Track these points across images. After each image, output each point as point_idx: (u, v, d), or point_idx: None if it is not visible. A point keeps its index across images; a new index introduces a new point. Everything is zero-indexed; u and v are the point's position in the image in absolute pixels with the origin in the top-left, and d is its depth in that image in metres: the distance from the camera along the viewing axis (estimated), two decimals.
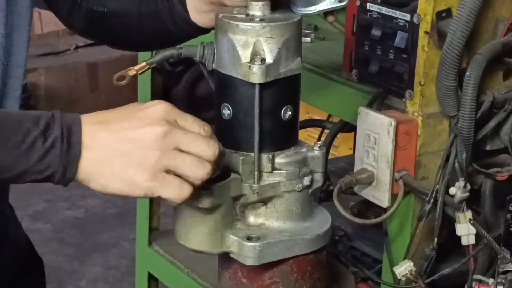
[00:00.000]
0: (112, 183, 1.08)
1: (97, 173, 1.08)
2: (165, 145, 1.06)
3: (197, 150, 1.07)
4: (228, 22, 1.17)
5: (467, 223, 1.36)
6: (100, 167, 1.07)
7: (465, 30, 1.31)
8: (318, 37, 1.77)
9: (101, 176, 1.07)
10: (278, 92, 1.19)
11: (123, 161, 1.07)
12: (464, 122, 1.35)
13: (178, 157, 1.07)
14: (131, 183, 1.07)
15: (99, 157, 1.07)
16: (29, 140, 1.05)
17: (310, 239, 1.23)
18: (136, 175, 1.06)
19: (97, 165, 1.07)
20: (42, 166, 1.06)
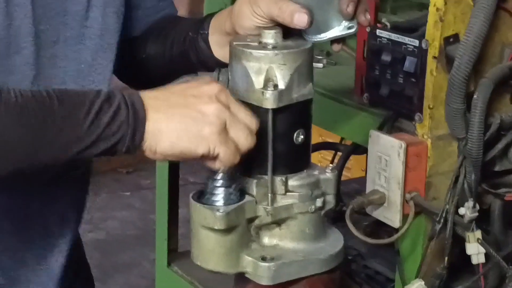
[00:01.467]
0: (180, 139, 1.13)
1: (166, 130, 1.13)
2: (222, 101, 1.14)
3: (244, 119, 1.16)
4: (242, 49, 1.21)
5: (476, 243, 1.39)
6: (167, 124, 1.13)
7: (472, 55, 1.34)
8: (330, 62, 1.81)
9: (169, 134, 1.13)
10: (291, 117, 1.22)
11: (188, 117, 1.13)
12: (473, 144, 1.38)
13: (234, 117, 1.15)
14: (199, 136, 1.13)
15: (164, 115, 1.13)
16: (95, 107, 1.11)
17: (324, 259, 1.26)
18: (204, 128, 1.13)
19: (163, 122, 1.13)
20: (113, 128, 1.11)
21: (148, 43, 1.46)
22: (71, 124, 1.10)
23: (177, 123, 1.13)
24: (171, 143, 1.13)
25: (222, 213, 1.20)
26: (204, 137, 1.13)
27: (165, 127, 1.13)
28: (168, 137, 1.13)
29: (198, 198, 1.23)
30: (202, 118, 1.13)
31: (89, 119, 1.11)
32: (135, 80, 1.52)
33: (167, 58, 1.44)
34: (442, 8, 1.37)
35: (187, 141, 1.13)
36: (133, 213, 4.23)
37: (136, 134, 1.12)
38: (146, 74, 1.48)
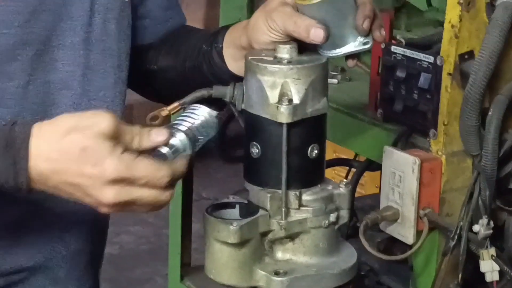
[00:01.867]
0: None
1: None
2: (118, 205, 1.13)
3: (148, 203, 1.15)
4: (257, 64, 1.21)
5: (490, 260, 1.39)
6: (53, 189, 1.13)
7: (487, 71, 1.35)
8: (345, 78, 1.81)
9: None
10: (305, 131, 1.23)
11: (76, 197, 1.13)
12: (487, 160, 1.38)
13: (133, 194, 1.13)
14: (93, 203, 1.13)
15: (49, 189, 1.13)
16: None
17: (337, 274, 1.26)
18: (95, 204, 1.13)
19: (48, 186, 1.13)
20: None
21: (161, 55, 1.47)
22: None
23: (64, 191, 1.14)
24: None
25: (235, 226, 1.20)
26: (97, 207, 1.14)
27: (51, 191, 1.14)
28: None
29: (212, 212, 1.23)
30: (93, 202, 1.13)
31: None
32: (146, 91, 1.52)
33: (180, 70, 1.44)
34: (457, 24, 1.37)
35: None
36: (146, 228, 4.23)
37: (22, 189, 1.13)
38: (157, 85, 1.48)
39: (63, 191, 1.13)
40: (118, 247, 4.05)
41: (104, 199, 1.12)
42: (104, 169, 1.10)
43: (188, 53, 1.43)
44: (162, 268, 3.72)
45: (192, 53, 1.42)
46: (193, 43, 1.43)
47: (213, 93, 1.26)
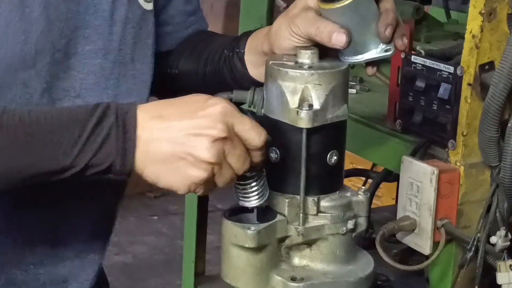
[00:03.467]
0: (164, 176, 1.14)
1: (152, 163, 1.13)
2: (218, 153, 1.13)
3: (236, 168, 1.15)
4: (278, 69, 1.22)
5: (507, 272, 1.38)
6: (156, 157, 1.13)
7: (507, 82, 1.34)
8: (363, 88, 1.82)
9: (155, 167, 1.13)
10: (325, 137, 1.22)
11: (181, 153, 1.12)
12: (506, 172, 1.38)
13: (225, 168, 1.14)
14: (184, 178, 1.13)
15: (155, 147, 1.13)
16: (84, 136, 1.12)
17: (353, 282, 1.26)
18: (193, 171, 1.12)
19: (152, 155, 1.13)
20: (101, 157, 1.12)
21: (182, 59, 1.47)
22: (59, 151, 1.12)
23: (165, 160, 1.13)
24: (155, 177, 1.14)
25: (253, 231, 1.20)
26: (189, 179, 1.13)
27: (152, 160, 1.13)
28: (153, 171, 1.14)
29: (229, 216, 1.23)
30: (193, 161, 1.13)
31: (78, 145, 1.12)
32: (166, 94, 1.53)
33: (200, 75, 1.44)
34: (478, 35, 1.37)
35: (170, 180, 1.14)
36: (160, 238, 4.23)
37: (125, 160, 1.13)
38: (177, 89, 1.48)
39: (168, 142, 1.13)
40: (132, 256, 4.06)
41: (214, 132, 1.12)
42: (214, 111, 1.14)
43: (210, 57, 1.43)
44: (175, 279, 3.72)
45: (213, 57, 1.42)
46: (215, 48, 1.44)
47: (233, 97, 1.26)
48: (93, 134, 1.12)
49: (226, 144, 1.13)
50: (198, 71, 1.44)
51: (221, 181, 1.15)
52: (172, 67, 1.47)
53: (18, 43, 1.23)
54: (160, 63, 1.46)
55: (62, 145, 1.12)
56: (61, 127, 1.13)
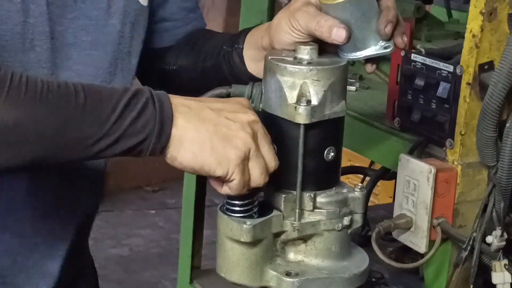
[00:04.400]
0: (203, 153, 1.13)
1: (190, 140, 1.12)
2: (253, 130, 1.14)
3: (267, 155, 1.16)
4: (277, 64, 1.22)
5: (503, 272, 1.38)
6: (193, 134, 1.12)
7: (506, 83, 1.34)
8: (363, 86, 1.82)
9: (193, 145, 1.13)
10: (322, 133, 1.23)
11: (216, 132, 1.13)
12: (503, 172, 1.38)
13: (257, 152, 1.15)
14: (223, 156, 1.13)
15: (192, 124, 1.13)
16: (122, 103, 1.10)
17: (348, 278, 1.26)
18: (230, 150, 1.13)
19: (190, 131, 1.12)
20: (138, 126, 1.10)
21: (181, 55, 1.47)
22: (96, 118, 1.10)
23: (204, 137, 1.13)
24: (194, 155, 1.13)
25: (249, 225, 1.20)
26: (227, 159, 1.13)
27: (191, 137, 1.13)
28: (191, 148, 1.13)
29: (225, 210, 1.23)
30: (229, 140, 1.14)
31: (115, 114, 1.10)
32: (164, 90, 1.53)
33: (199, 70, 1.45)
34: (478, 34, 1.37)
35: (210, 158, 1.13)
36: (157, 232, 4.24)
37: (163, 132, 1.12)
38: (176, 85, 1.49)
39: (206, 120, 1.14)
40: (128, 249, 4.07)
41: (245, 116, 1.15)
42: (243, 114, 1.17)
43: (209, 53, 1.43)
44: (171, 272, 3.73)
45: (212, 53, 1.43)
46: (214, 43, 1.44)
47: (231, 92, 1.27)
48: (130, 105, 1.11)
49: (253, 144, 1.14)
50: (197, 67, 1.45)
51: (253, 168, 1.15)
52: (170, 64, 1.48)
53: (18, 24, 1.23)
54: (159, 60, 1.47)
55: (102, 112, 1.10)
56: (99, 96, 1.11)
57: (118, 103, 1.11)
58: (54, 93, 1.09)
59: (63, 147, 1.10)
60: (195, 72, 1.45)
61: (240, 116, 1.16)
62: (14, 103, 1.06)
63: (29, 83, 1.08)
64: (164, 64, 1.48)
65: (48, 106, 1.08)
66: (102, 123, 1.10)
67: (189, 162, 1.13)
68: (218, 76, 1.41)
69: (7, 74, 1.07)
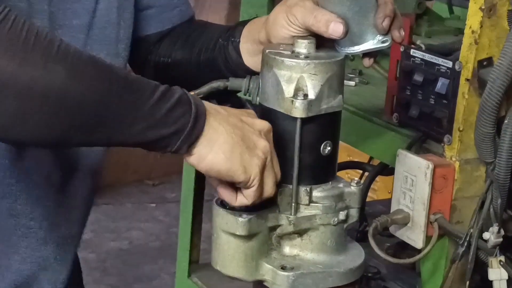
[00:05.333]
0: (233, 157, 1.13)
1: (220, 143, 1.13)
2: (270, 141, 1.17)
3: (276, 168, 1.19)
4: (274, 57, 1.22)
5: (499, 268, 1.38)
6: (224, 137, 1.13)
7: (505, 79, 1.34)
8: (362, 81, 1.81)
9: (225, 147, 1.13)
10: (319, 128, 1.22)
11: (241, 139, 1.14)
12: (501, 169, 1.37)
13: (270, 164, 1.17)
14: (248, 163, 1.14)
15: (222, 127, 1.14)
16: (158, 92, 1.10)
17: (343, 273, 1.26)
18: (254, 158, 1.14)
19: (221, 134, 1.13)
20: (175, 115, 1.10)
21: (175, 48, 1.47)
22: (136, 97, 1.08)
23: (234, 141, 1.14)
24: (225, 157, 1.13)
25: (244, 219, 1.20)
26: (251, 166, 1.14)
27: (223, 139, 1.13)
28: (223, 150, 1.13)
29: (221, 203, 1.23)
30: (253, 148, 1.15)
31: (153, 99, 1.09)
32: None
33: (194, 64, 1.44)
34: (477, 31, 1.37)
35: (238, 162, 1.14)
36: (157, 225, 4.25)
37: (196, 128, 1.11)
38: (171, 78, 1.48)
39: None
40: (128, 242, 4.07)
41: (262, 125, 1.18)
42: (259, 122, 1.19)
43: (204, 46, 1.43)
44: (170, 266, 3.74)
45: (207, 46, 1.42)
46: (209, 36, 1.43)
47: (229, 85, 1.27)
48: (166, 95, 1.11)
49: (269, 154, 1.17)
50: (192, 60, 1.44)
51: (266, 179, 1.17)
52: (165, 56, 1.47)
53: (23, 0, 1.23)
54: (153, 52, 1.46)
55: (141, 94, 1.10)
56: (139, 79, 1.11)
57: (155, 90, 1.10)
58: (98, 64, 1.08)
59: (101, 122, 1.08)
60: (190, 65, 1.45)
61: (258, 124, 1.18)
62: (60, 67, 1.04)
63: (75, 50, 1.07)
64: (158, 56, 1.48)
65: (92, 73, 1.07)
66: (141, 104, 1.09)
67: (219, 164, 1.13)
68: (214, 70, 1.40)
69: (55, 40, 1.05)
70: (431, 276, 1.47)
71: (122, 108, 1.08)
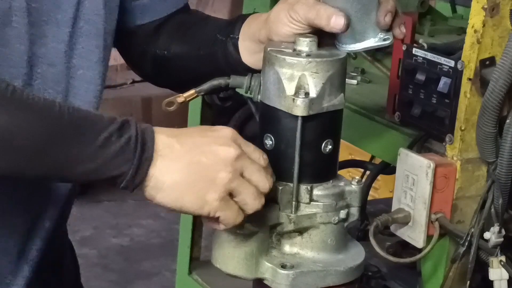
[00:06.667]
0: (183, 198, 1.13)
1: (170, 184, 1.12)
2: (235, 168, 1.13)
3: (257, 181, 1.15)
4: (276, 55, 1.21)
5: (500, 268, 1.38)
6: (173, 178, 1.12)
7: (507, 79, 1.34)
8: (364, 80, 1.81)
9: (173, 188, 1.12)
10: (320, 126, 1.22)
11: (197, 175, 1.12)
12: (502, 168, 1.37)
13: (244, 184, 1.14)
14: (202, 199, 1.12)
15: (173, 167, 1.12)
16: (105, 134, 1.10)
17: (343, 271, 1.26)
18: (209, 192, 1.12)
19: (170, 174, 1.12)
20: (116, 162, 1.10)
21: (174, 42, 1.45)
22: (78, 142, 1.10)
23: (183, 181, 1.12)
24: (174, 198, 1.13)
25: None
26: (208, 202, 1.13)
27: (170, 182, 1.12)
28: (170, 193, 1.13)
29: None
30: (209, 182, 1.13)
31: (96, 144, 1.10)
32: (159, 79, 1.51)
33: (194, 58, 1.43)
34: (480, 30, 1.37)
35: (189, 202, 1.13)
36: (158, 222, 4.25)
37: (138, 174, 1.11)
38: (169, 72, 1.47)
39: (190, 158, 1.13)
40: (129, 239, 4.08)
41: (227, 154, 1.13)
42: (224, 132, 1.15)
43: (203, 41, 1.42)
44: (171, 263, 3.74)
45: (207, 41, 1.41)
46: (209, 31, 1.42)
47: (230, 83, 1.26)
48: (112, 138, 1.10)
49: (242, 160, 1.14)
50: (191, 55, 1.43)
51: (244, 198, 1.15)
52: (162, 49, 1.45)
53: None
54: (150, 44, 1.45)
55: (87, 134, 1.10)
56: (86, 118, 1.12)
57: (100, 132, 1.10)
58: (41, 104, 1.10)
59: (45, 163, 1.10)
60: (189, 60, 1.44)
61: (222, 153, 1.14)
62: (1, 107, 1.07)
63: (17, 90, 1.09)
64: (156, 49, 1.46)
65: (34, 114, 1.09)
66: (84, 147, 1.10)
67: (169, 203, 1.14)
68: (213, 65, 1.39)
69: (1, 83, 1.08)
70: (432, 276, 1.46)
71: (65, 151, 1.10)
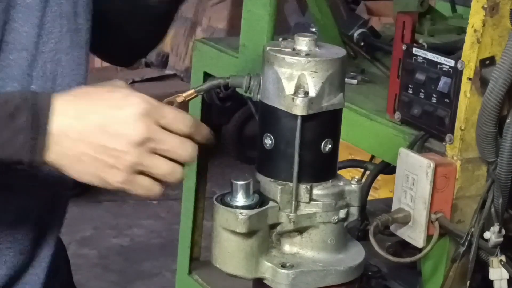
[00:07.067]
0: (83, 177, 1.13)
1: (68, 166, 1.12)
2: (142, 151, 1.12)
3: (176, 155, 1.14)
4: (275, 55, 1.21)
5: (500, 268, 1.38)
6: (70, 162, 1.12)
7: (507, 78, 1.34)
8: (364, 79, 1.81)
9: (71, 169, 1.13)
10: (320, 125, 1.22)
11: (95, 161, 1.12)
12: (502, 168, 1.37)
13: (155, 161, 1.13)
14: (103, 181, 1.13)
15: (69, 153, 1.12)
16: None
17: (343, 271, 1.25)
18: (108, 176, 1.12)
19: (66, 159, 1.12)
20: (10, 151, 1.11)
21: None
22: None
23: (80, 165, 1.12)
24: (73, 176, 1.14)
25: (244, 216, 1.19)
26: (108, 183, 1.13)
27: (67, 164, 1.13)
28: (69, 172, 1.13)
29: (221, 201, 1.23)
30: (110, 167, 1.12)
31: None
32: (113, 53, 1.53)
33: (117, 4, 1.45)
34: (480, 29, 1.37)
35: (90, 180, 1.13)
36: (158, 222, 4.26)
37: (34, 160, 1.11)
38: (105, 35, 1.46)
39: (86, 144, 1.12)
40: (129, 239, 4.08)
41: (134, 133, 1.11)
42: (132, 103, 1.12)
43: None
44: (172, 263, 3.73)
45: None
46: None
47: (229, 82, 1.26)
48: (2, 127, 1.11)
49: (152, 139, 1.12)
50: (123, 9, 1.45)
51: (160, 172, 1.13)
52: None
53: None
54: None
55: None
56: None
57: None
58: None
59: None
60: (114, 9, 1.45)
61: (127, 134, 1.11)
62: None
63: None
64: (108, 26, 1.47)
65: None
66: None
67: (73, 177, 1.14)
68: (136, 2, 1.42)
69: None
70: (432, 275, 1.47)
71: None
